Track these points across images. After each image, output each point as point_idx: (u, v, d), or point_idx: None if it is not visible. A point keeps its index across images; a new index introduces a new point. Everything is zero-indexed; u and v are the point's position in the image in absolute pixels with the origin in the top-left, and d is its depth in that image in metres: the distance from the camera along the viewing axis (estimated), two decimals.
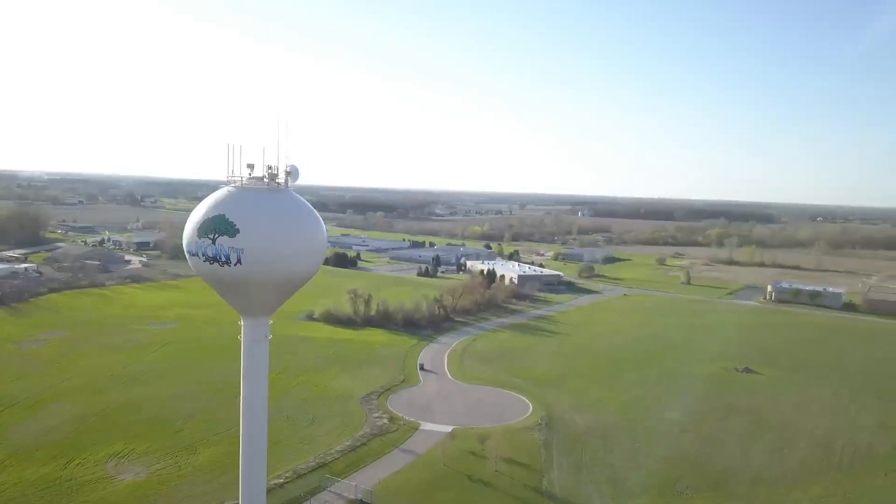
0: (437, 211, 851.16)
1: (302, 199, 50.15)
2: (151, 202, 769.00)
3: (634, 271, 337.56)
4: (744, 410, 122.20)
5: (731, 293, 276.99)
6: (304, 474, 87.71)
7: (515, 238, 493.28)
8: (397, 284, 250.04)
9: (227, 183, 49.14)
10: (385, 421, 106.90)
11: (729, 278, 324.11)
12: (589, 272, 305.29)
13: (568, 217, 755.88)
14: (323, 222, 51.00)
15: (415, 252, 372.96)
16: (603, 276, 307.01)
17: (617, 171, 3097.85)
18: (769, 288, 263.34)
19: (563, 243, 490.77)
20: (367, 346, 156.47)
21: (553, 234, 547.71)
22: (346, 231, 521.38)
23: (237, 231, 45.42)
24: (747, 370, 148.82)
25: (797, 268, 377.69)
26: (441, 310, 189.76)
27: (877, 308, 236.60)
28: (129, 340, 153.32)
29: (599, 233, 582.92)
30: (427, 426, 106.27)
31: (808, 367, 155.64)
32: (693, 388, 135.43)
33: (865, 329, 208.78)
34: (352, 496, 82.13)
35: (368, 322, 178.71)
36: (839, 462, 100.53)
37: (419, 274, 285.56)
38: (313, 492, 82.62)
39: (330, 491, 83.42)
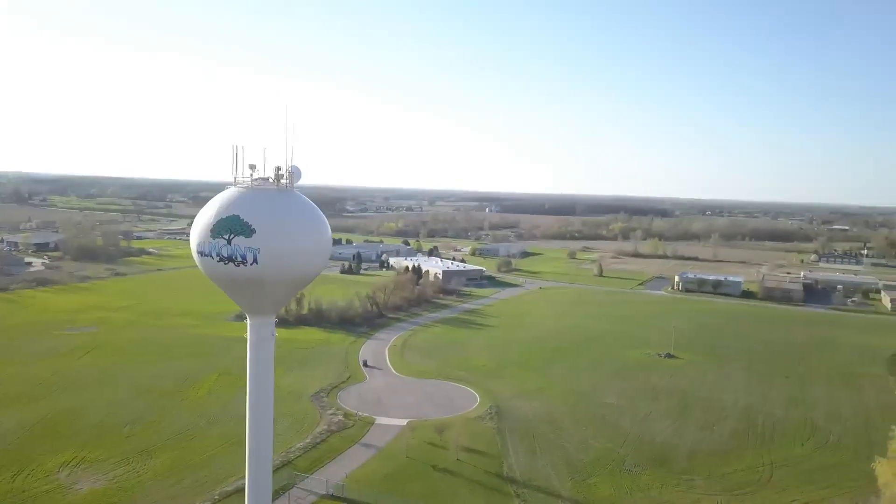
0: (348, 207, 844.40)
1: (307, 199, 51.44)
2: (40, 200, 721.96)
3: (549, 265, 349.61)
4: (671, 392, 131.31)
5: (641, 284, 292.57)
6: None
7: (431, 234, 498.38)
8: (323, 282, 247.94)
9: (234, 184, 49.85)
10: (340, 417, 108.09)
11: (636, 270, 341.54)
12: (507, 266, 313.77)
13: (478, 213, 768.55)
14: (328, 222, 52.45)
15: (334, 249, 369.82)
16: (520, 270, 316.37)
17: (520, 168, 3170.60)
18: (676, 278, 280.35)
19: (477, 239, 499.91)
20: (305, 345, 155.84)
21: (466, 229, 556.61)
22: None
23: (253, 231, 46.26)
24: (669, 355, 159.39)
25: (696, 259, 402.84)
26: (374, 307, 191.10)
27: (772, 295, 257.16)
28: (52, 347, 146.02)
29: (509, 228, 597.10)
30: (382, 420, 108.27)
31: (720, 351, 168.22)
32: (622, 373, 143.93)
33: (764, 314, 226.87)
34: (322, 491, 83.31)
35: (302, 321, 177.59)
36: (761, 434, 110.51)
37: (342, 272, 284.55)
38: (283, 489, 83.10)
39: (299, 488, 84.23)
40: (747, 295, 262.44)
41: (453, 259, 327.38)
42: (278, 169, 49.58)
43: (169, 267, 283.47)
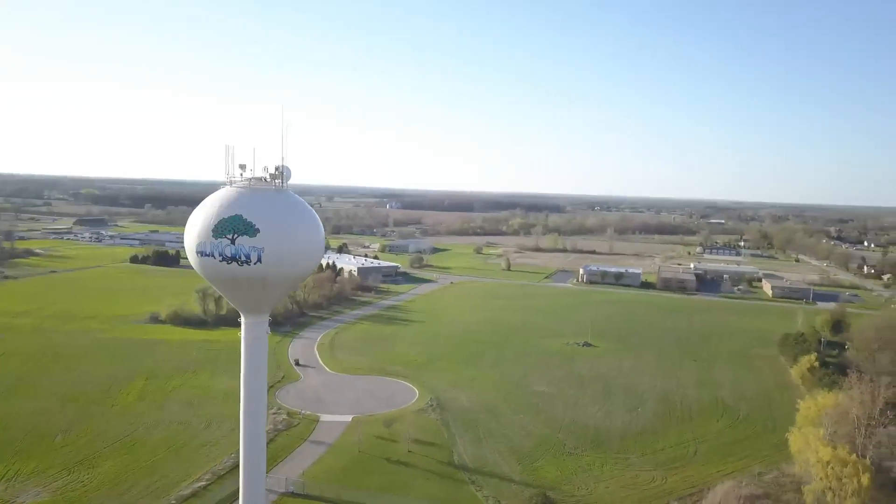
0: None
1: (300, 198, 52.45)
2: None
3: (458, 260, 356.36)
4: (594, 378, 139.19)
5: (547, 277, 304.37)
6: (223, 475, 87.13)
7: (336, 231, 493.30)
8: None
9: (228, 183, 50.23)
10: (284, 416, 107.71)
11: (540, 264, 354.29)
12: (419, 262, 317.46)
13: (380, 210, 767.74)
14: (320, 220, 53.62)
15: None
16: (432, 266, 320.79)
17: (419, 166, 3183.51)
18: (581, 271, 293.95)
19: (383, 235, 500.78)
20: (230, 346, 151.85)
21: (371, 226, 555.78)
22: (152, 227, 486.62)
23: (257, 231, 46.97)
24: (586, 344, 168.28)
25: (594, 252, 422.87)
26: (295, 305, 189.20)
27: (668, 285, 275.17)
28: None
29: (413, 225, 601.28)
30: (327, 417, 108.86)
31: (632, 338, 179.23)
32: (546, 362, 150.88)
33: (664, 303, 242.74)
34: (282, 490, 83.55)
35: (221, 321, 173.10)
36: (680, 414, 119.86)
37: None
38: None
39: None
40: (646, 286, 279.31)
41: (365, 256, 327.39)
42: (277, 168, 50.37)
43: (64, 269, 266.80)
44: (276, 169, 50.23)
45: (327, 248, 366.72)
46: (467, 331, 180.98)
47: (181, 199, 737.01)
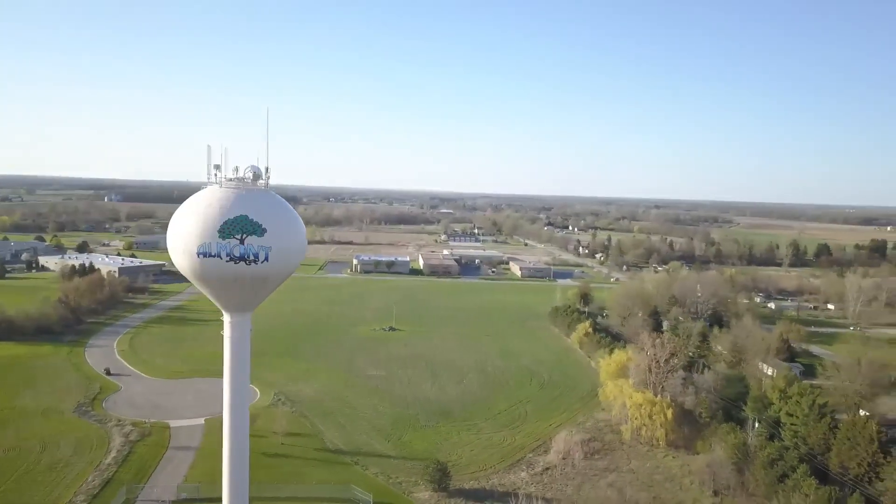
0: None
1: (280, 197, 54.30)
2: None
3: None
4: (415, 358, 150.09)
5: (320, 269, 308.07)
6: (97, 493, 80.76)
7: (60, 228, 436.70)
8: None
9: (210, 183, 50.65)
10: (130, 427, 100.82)
11: (308, 256, 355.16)
12: None
13: (104, 204, 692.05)
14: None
15: None
16: None
17: (130, 152, 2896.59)
18: (354, 261, 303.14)
19: (119, 231, 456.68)
20: (14, 362, 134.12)
21: (101, 222, 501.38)
22: None
23: (265, 231, 48.65)
24: (392, 329, 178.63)
25: (352, 243, 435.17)
26: (70, 313, 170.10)
27: (435, 270, 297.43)
28: None
29: (148, 219, 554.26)
30: (177, 423, 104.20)
31: (427, 320, 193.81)
32: (364, 348, 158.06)
33: (438, 287, 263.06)
34: (172, 498, 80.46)
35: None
36: (499, 381, 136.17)
37: None
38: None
39: (143, 501, 79.68)
40: (415, 272, 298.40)
41: (118, 254, 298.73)
42: (266, 169, 51.80)
43: None
44: (267, 170, 51.73)
45: (64, 247, 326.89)
46: (272, 325, 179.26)
47: None
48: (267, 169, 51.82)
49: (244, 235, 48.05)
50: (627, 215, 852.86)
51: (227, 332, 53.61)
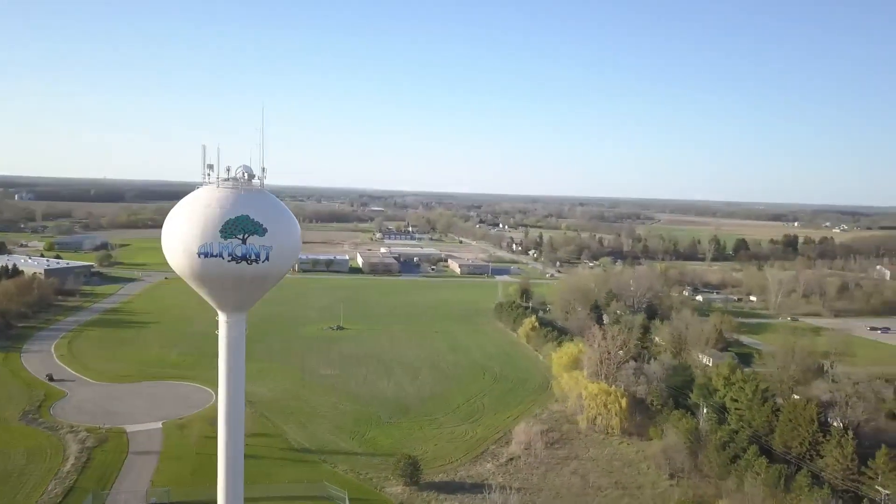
0: None
1: (275, 197, 54.68)
2: None
3: (151, 256, 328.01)
4: (367, 357, 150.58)
5: None
6: (60, 502, 78.43)
7: None
8: None
9: (207, 183, 50.71)
10: (85, 433, 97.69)
11: None
12: (108, 260, 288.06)
13: (14, 203, 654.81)
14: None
15: None
16: (123, 264, 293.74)
17: (42, 148, 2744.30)
18: None
19: (36, 231, 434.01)
20: None
21: (14, 221, 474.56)
22: None
23: (266, 230, 49.12)
24: (339, 328, 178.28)
25: None
26: (0, 317, 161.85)
27: (375, 269, 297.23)
28: None
29: (64, 218, 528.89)
30: (133, 427, 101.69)
31: (374, 318, 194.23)
32: (315, 347, 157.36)
33: (380, 285, 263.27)
34: (142, 503, 78.87)
35: None
36: (453, 376, 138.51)
37: None
38: None
39: None
40: (355, 270, 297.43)
41: (42, 255, 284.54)
42: (264, 170, 52.11)
43: None
44: (264, 169, 52.06)
45: None
46: (214, 325, 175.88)
47: None
48: (264, 169, 52.12)
49: (246, 235, 48.33)
50: (554, 213, 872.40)
51: (222, 332, 53.58)
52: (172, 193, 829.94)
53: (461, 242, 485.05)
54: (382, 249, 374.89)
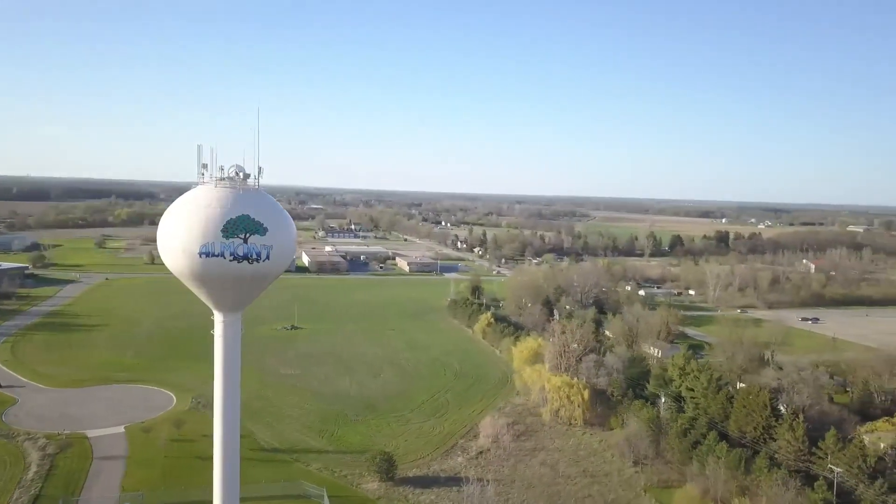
0: None
1: (271, 196, 55.01)
2: None
3: (86, 256, 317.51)
4: (325, 355, 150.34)
5: None
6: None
7: None
8: None
9: (201, 183, 50.81)
10: (45, 440, 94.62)
11: None
12: (42, 261, 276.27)
13: None
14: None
15: None
16: (57, 265, 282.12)
17: None
18: None
19: None
20: None
21: None
22: None
23: (266, 230, 49.59)
24: (294, 327, 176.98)
25: None
26: None
27: (323, 268, 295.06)
28: None
29: None
30: (94, 433, 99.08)
31: (328, 318, 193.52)
32: (271, 347, 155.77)
33: (329, 284, 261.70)
34: None
35: None
36: (415, 374, 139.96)
37: None
38: None
39: None
40: (301, 269, 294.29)
41: None
42: (260, 169, 52.42)
43: None
44: (260, 169, 52.40)
45: None
46: (165, 327, 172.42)
47: None
48: (260, 168, 52.40)
49: (247, 234, 48.64)
50: (494, 210, 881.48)
51: (219, 332, 53.59)
52: (103, 192, 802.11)
53: (406, 240, 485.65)
54: (328, 248, 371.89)
